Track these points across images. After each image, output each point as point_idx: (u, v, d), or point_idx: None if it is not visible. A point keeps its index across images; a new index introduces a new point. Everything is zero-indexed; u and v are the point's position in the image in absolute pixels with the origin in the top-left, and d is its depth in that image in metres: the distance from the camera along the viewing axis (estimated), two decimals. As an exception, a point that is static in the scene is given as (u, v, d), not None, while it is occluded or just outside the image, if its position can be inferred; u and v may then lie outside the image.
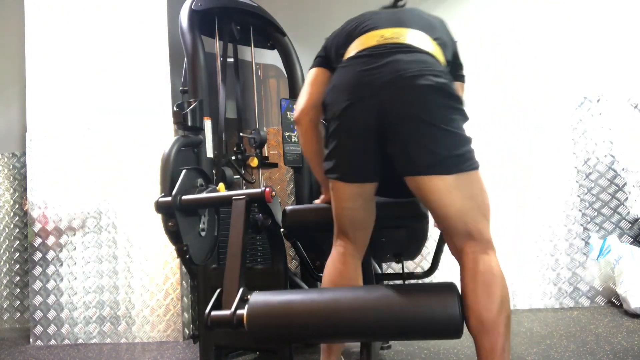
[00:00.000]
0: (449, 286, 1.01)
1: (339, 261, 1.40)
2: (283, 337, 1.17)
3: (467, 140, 1.26)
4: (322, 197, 1.61)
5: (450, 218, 1.24)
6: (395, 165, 1.27)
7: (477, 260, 1.20)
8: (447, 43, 1.40)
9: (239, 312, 1.14)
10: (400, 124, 1.22)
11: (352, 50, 1.37)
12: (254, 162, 2.41)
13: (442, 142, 1.21)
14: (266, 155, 2.56)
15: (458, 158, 1.22)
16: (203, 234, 1.63)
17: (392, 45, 1.30)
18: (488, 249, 1.23)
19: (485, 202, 1.28)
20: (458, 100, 1.27)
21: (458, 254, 1.26)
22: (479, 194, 1.26)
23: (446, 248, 1.37)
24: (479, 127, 2.92)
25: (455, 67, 1.47)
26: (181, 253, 1.56)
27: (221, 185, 1.84)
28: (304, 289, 1.45)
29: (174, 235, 1.53)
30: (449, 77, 1.28)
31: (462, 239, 1.24)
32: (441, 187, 1.20)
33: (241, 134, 2.48)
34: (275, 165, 2.57)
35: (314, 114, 1.49)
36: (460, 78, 1.52)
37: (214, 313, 1.17)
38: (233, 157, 2.34)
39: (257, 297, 1.12)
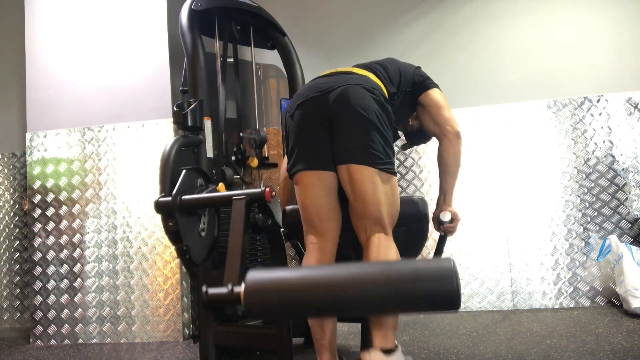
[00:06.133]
0: (447, 261, 0.99)
1: (314, 257, 1.55)
2: (281, 312, 1.13)
3: (393, 150, 1.54)
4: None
5: (368, 203, 1.49)
6: (335, 154, 1.52)
7: (381, 239, 1.48)
8: (392, 79, 1.72)
9: (236, 289, 1.15)
10: (342, 117, 1.50)
11: None
12: (254, 162, 2.41)
13: (373, 139, 1.48)
14: (266, 155, 2.56)
15: (382, 158, 1.49)
16: (203, 234, 1.63)
17: (342, 71, 1.65)
18: (390, 239, 1.51)
19: (395, 204, 1.54)
20: (390, 117, 1.55)
21: (366, 234, 1.51)
22: (392, 195, 1.52)
23: (446, 248, 1.39)
24: (479, 127, 2.93)
25: (422, 82, 1.78)
26: (181, 253, 1.56)
27: (221, 185, 1.85)
28: (302, 266, 1.46)
29: (174, 235, 1.53)
30: (385, 97, 1.58)
31: (372, 224, 1.50)
32: (366, 175, 1.48)
33: (241, 134, 2.48)
34: (275, 165, 2.57)
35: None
36: (431, 86, 1.79)
37: (211, 291, 1.17)
38: (233, 158, 2.34)
39: (254, 274, 1.09)
